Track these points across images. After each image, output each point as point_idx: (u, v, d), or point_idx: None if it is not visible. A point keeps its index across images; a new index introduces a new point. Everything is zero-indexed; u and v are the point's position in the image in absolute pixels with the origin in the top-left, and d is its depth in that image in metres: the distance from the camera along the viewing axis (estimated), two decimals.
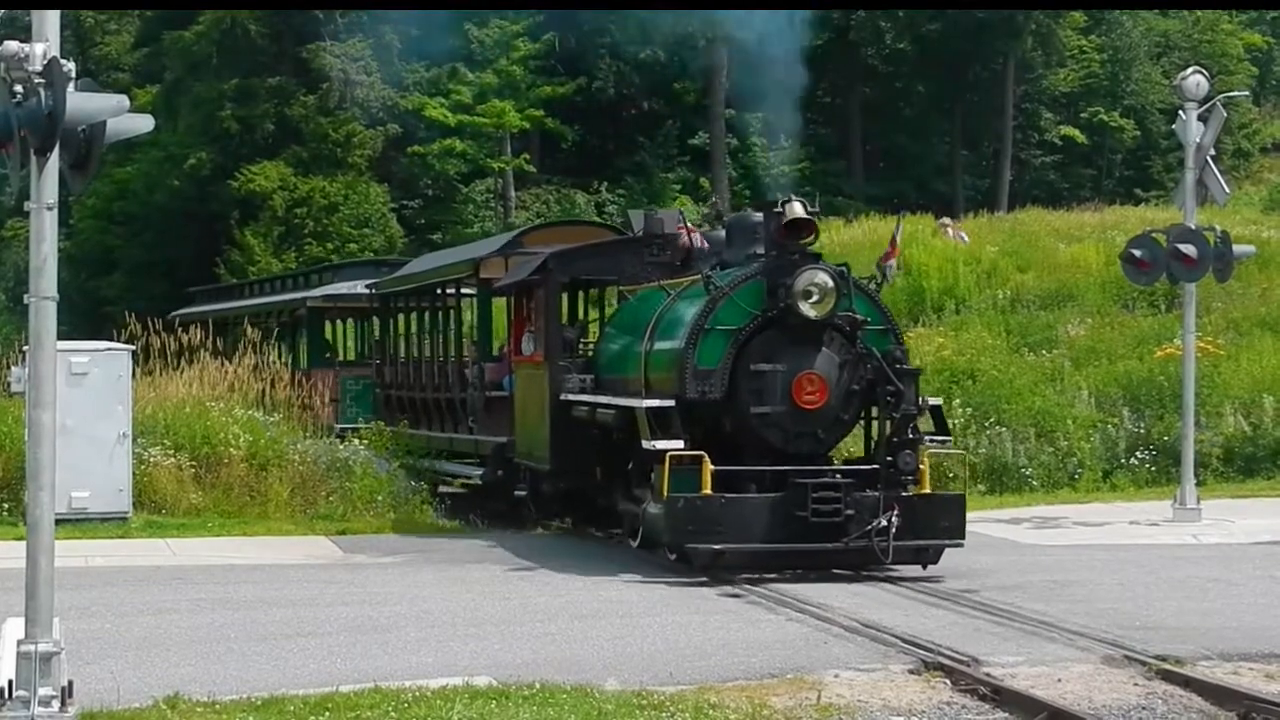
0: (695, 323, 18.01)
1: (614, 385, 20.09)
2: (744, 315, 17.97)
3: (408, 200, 59.97)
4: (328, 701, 11.17)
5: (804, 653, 13.34)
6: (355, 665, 12.78)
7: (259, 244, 55.28)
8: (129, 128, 10.64)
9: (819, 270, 17.75)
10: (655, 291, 20.28)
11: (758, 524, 17.15)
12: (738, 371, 17.85)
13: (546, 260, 21.63)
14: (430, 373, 28.54)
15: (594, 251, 22.78)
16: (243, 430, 24.01)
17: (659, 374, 18.72)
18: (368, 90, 59.12)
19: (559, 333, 21.59)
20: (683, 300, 19.13)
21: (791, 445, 17.82)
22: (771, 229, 18.22)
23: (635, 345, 19.62)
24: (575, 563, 19.14)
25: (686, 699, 11.42)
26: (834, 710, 11.32)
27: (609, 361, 20.83)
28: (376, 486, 24.07)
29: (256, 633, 14.36)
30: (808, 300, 17.62)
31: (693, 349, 17.89)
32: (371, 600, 16.28)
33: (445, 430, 27.37)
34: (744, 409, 17.84)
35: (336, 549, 20.65)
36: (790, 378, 17.76)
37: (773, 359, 17.84)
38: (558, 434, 20.79)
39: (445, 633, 14.37)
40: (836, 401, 17.89)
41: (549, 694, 11.41)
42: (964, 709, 11.49)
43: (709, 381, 17.79)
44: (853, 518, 17.16)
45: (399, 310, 31.28)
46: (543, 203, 59.91)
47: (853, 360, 17.86)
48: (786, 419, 17.79)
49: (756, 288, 18.07)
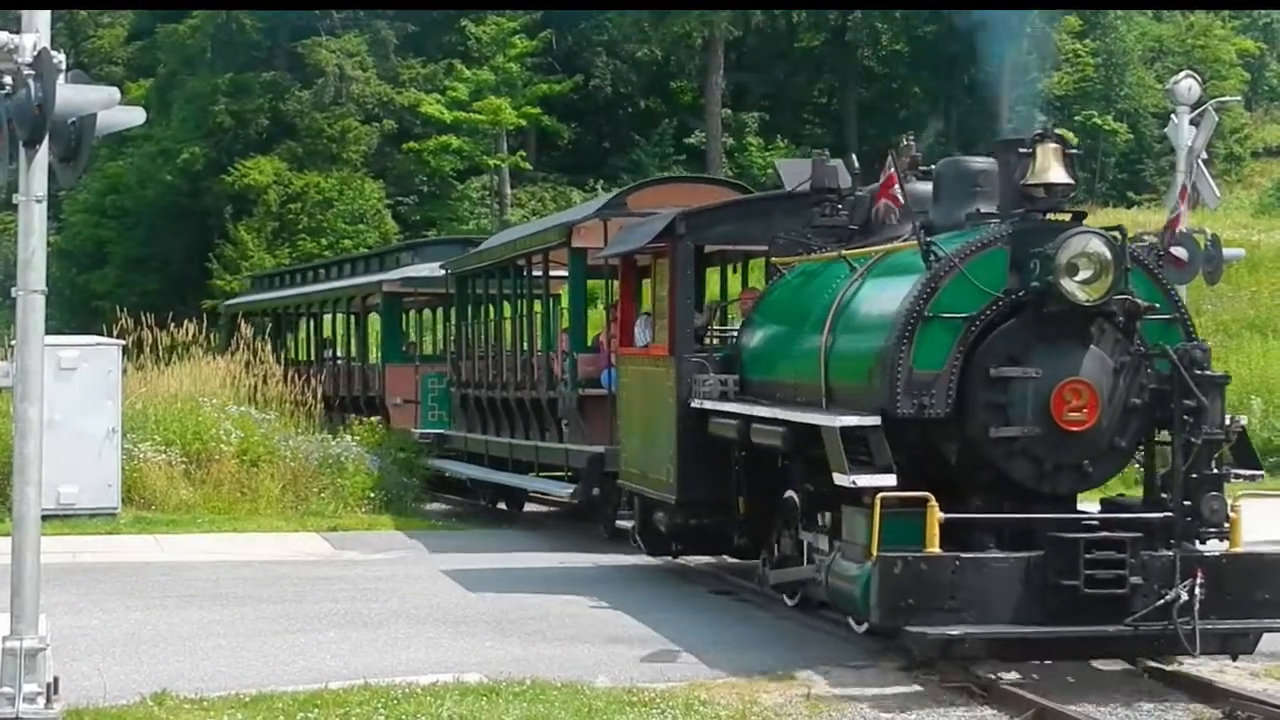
0: (909, 308, 12.64)
1: (766, 390, 15.29)
2: (979, 298, 12.65)
3: (403, 197, 59.92)
4: (317, 698, 11.14)
5: (795, 649, 13.32)
6: (345, 662, 12.75)
7: (252, 240, 55.25)
8: (120, 121, 10.60)
9: (1092, 235, 12.40)
10: (831, 264, 15.09)
11: (1004, 597, 11.93)
12: (970, 378, 12.55)
13: (674, 221, 16.65)
14: (513, 367, 23.82)
15: (738, 211, 17.91)
16: (235, 426, 23.97)
17: (847, 380, 13.54)
18: (363, 86, 59.10)
19: (691, 318, 16.69)
20: (876, 277, 13.89)
21: (1047, 483, 12.55)
22: (1015, 177, 12.93)
23: (804, 338, 14.49)
24: (560, 553, 19.14)
25: (676, 696, 11.41)
26: (824, 707, 11.31)
27: (760, 358, 15.85)
28: (368, 483, 24.02)
29: (245, 629, 14.32)
30: (1076, 277, 12.32)
31: (906, 345, 12.58)
32: (362, 597, 16.24)
33: (530, 437, 22.87)
34: (978, 431, 12.48)
35: (327, 545, 20.61)
36: (1048, 387, 12.38)
37: (1022, 360, 12.46)
38: (687, 453, 16.11)
39: (436, 629, 14.34)
40: (1111, 421, 12.52)
41: (539, 690, 11.39)
42: (953, 705, 11.47)
43: (929, 392, 12.55)
44: (1139, 588, 11.94)
45: (477, 293, 26.33)
46: (538, 200, 59.90)
47: (1131, 363, 12.58)
48: (1041, 445, 12.42)
49: (996, 260, 12.73)
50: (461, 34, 60.68)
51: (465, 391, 25.89)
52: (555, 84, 60.95)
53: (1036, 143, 12.74)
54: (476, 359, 25.68)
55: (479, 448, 24.93)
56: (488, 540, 21.33)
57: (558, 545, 20.74)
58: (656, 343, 17.43)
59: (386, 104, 59.37)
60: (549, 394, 21.94)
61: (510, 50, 59.93)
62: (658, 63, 63.55)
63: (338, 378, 32.69)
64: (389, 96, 59.30)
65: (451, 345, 27.66)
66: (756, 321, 16.40)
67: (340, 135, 58.12)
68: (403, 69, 60.68)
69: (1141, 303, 12.61)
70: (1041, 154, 12.73)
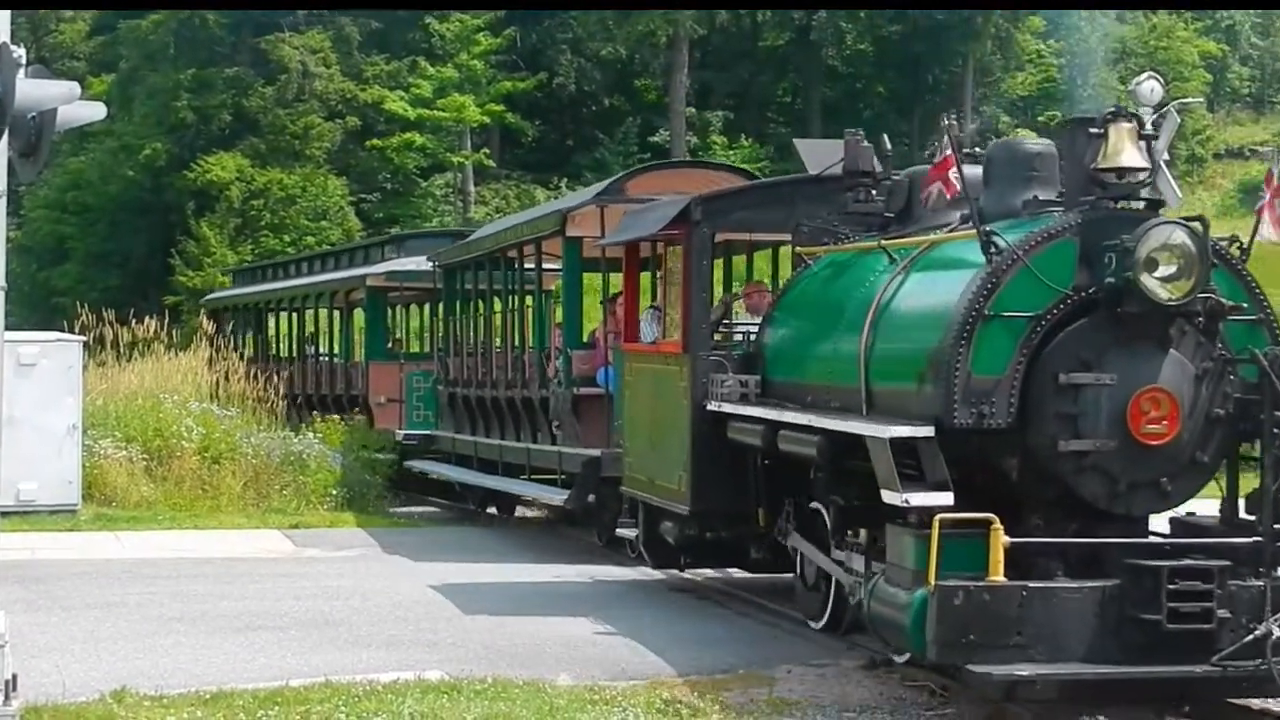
0: (967, 306, 11.25)
1: (793, 393, 13.87)
2: (1044, 295, 11.27)
3: (366, 194, 59.88)
4: (277, 696, 11.09)
5: (757, 648, 13.32)
6: (306, 659, 12.68)
7: (215, 236, 55.17)
8: (81, 116, 10.52)
9: (1175, 227, 11.07)
10: (865, 255, 13.65)
11: (1077, 632, 10.62)
12: (1035, 384, 11.20)
13: (690, 206, 15.23)
14: (503, 365, 22.52)
15: (759, 196, 16.56)
16: (196, 423, 23.88)
17: (892, 384, 12.18)
18: (327, 82, 59.05)
19: (706, 313, 15.42)
20: (923, 270, 12.52)
21: (1120, 503, 11.23)
22: (1085, 161, 11.55)
23: (839, 336, 13.06)
24: (533, 556, 19.08)
25: (639, 694, 11.39)
26: (786, 705, 11.28)
27: (785, 358, 14.38)
28: (330, 480, 23.94)
29: (206, 626, 14.25)
30: (1156, 273, 10.99)
31: (964, 347, 11.20)
32: (323, 594, 16.18)
33: (521, 438, 21.60)
34: (1044, 444, 11.14)
35: (289, 543, 20.52)
36: (1124, 396, 11.10)
37: (1094, 365, 11.15)
38: (702, 459, 14.79)
39: (397, 626, 14.29)
40: (1192, 434, 11.24)
41: (501, 688, 11.36)
42: (914, 704, 11.48)
43: (989, 400, 11.20)
44: (1226, 622, 10.64)
45: (465, 287, 25.01)
46: (502, 198, 59.92)
47: (1215, 369, 11.32)
48: (1116, 461, 11.11)
49: (1063, 253, 11.35)
50: (425, 31, 60.68)
51: (453, 390, 24.76)
52: (519, 82, 60.97)
53: (1109, 122, 11.41)
54: (465, 356, 24.55)
55: (467, 449, 23.88)
56: (454, 539, 21.25)
57: (525, 546, 20.71)
58: (667, 339, 15.93)
59: (350, 101, 59.34)
60: (541, 393, 20.76)
61: (474, 48, 59.96)
62: (622, 61, 63.59)
63: (320, 375, 32.11)
64: (352, 93, 59.27)
65: (439, 341, 26.49)
66: (780, 317, 14.84)
67: (303, 132, 58.07)
68: (366, 66, 60.64)
69: (1226, 302, 11.26)
70: (1115, 135, 11.40)
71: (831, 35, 64.30)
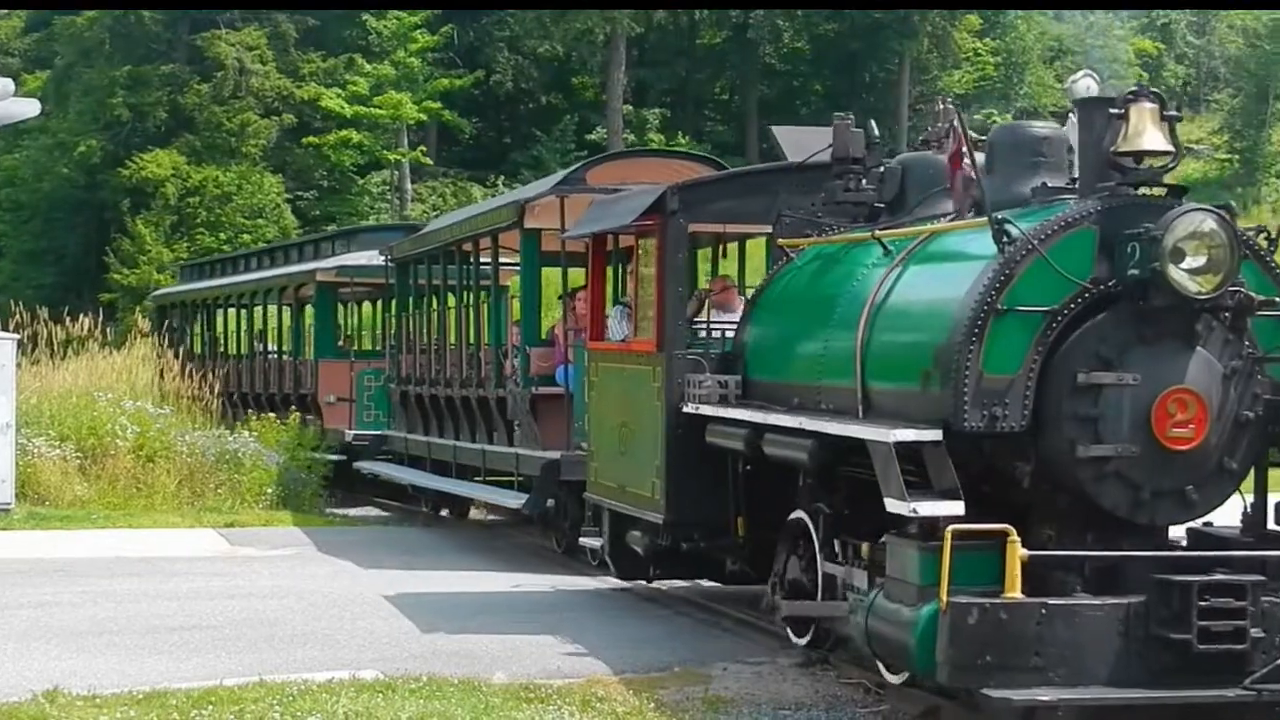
0: (978, 299, 10.33)
1: (778, 394, 12.94)
2: (1061, 288, 10.39)
3: (302, 191, 59.74)
4: (211, 695, 11.03)
5: (693, 646, 13.32)
6: (240, 659, 12.62)
7: (150, 233, 54.90)
8: (15, 113, 10.51)
9: (1206, 214, 10.19)
10: (855, 247, 12.82)
11: (1099, 652, 9.82)
12: (1051, 384, 10.31)
13: (665, 196, 14.26)
14: (457, 363, 21.63)
15: (740, 185, 15.50)
16: (130, 421, 23.76)
17: (893, 384, 11.30)
18: (263, 79, 58.86)
19: (682, 309, 14.53)
20: (923, 263, 11.70)
21: (1143, 512, 10.34)
22: (1103, 144, 10.75)
23: (831, 333, 12.21)
24: (471, 557, 19.05)
25: (574, 692, 11.39)
26: (721, 703, 11.28)
27: (768, 357, 13.48)
28: (266, 479, 23.84)
29: (140, 626, 14.17)
30: (1184, 264, 10.13)
31: (975, 344, 10.29)
32: (259, 593, 16.11)
33: (476, 439, 20.77)
34: (1061, 449, 10.27)
35: (224, 542, 20.43)
36: (1148, 397, 10.25)
37: (1116, 364, 10.26)
38: (678, 465, 13.90)
39: (332, 625, 14.24)
40: (1220, 438, 10.41)
41: (436, 687, 11.32)
42: (850, 702, 11.50)
43: (1002, 401, 10.30)
44: (1259, 642, 9.80)
45: (419, 282, 24.10)
46: (439, 195, 59.82)
47: (1243, 368, 10.48)
48: (1139, 468, 10.25)
49: (1082, 242, 10.49)
50: (362, 28, 60.55)
51: (405, 389, 23.86)
52: (456, 79, 60.91)
53: (1130, 102, 10.48)
54: (418, 353, 23.60)
55: (420, 450, 23.12)
56: (393, 540, 21.19)
57: (465, 546, 20.69)
58: (639, 337, 14.97)
59: (286, 98, 59.18)
60: (498, 392, 19.89)
61: (411, 45, 59.87)
62: (559, 58, 63.57)
63: (268, 373, 31.41)
64: (289, 90, 59.09)
65: (391, 338, 25.58)
66: (762, 314, 13.91)
67: (239, 129, 57.89)
68: (303, 63, 60.48)
69: (1256, 296, 10.37)
70: (1136, 115, 10.44)
71: (769, 33, 64.46)
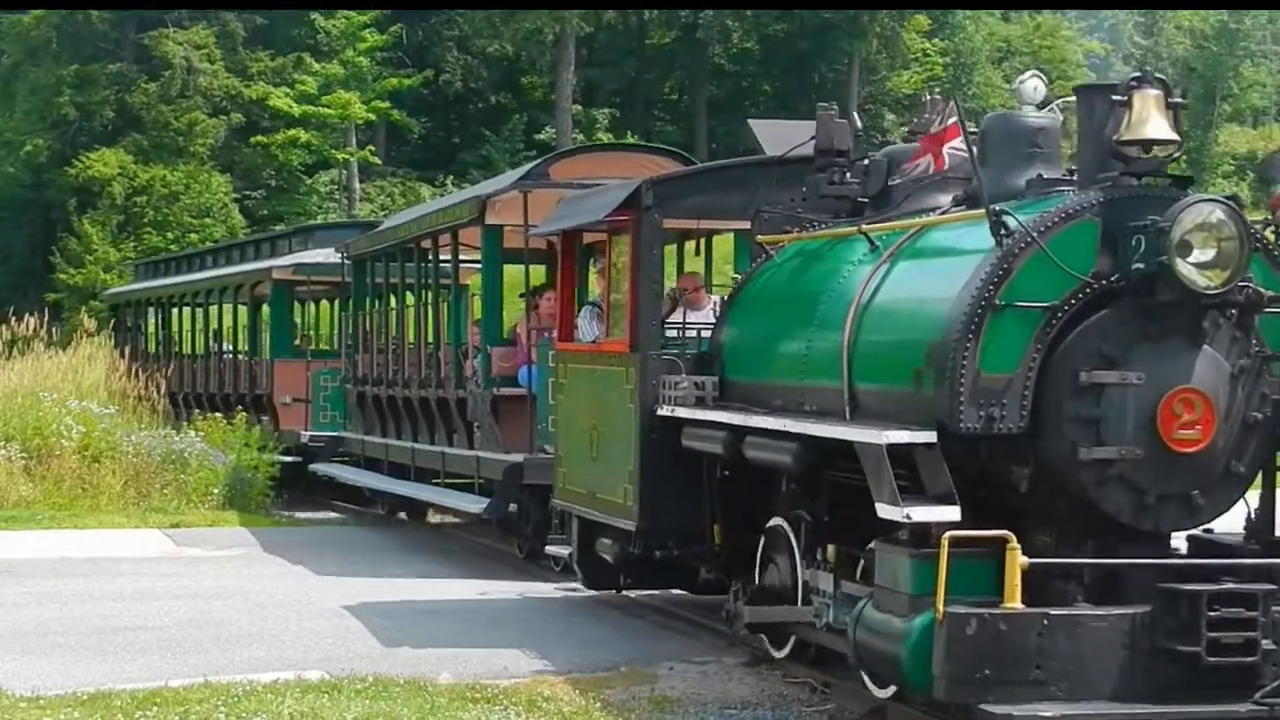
0: (975, 294, 9.85)
1: (758, 395, 12.36)
2: (1062, 283, 9.89)
3: (250, 190, 59.54)
4: (156, 696, 10.98)
5: (640, 645, 13.32)
6: (186, 660, 12.58)
7: (97, 233, 54.66)
8: None
9: (1215, 205, 9.69)
10: (840, 243, 12.30)
11: (1103, 665, 9.30)
12: (1050, 383, 9.82)
13: (640, 191, 13.69)
14: (416, 362, 21.11)
15: (718, 179, 14.87)
16: (76, 421, 23.65)
17: (882, 384, 10.76)
18: (211, 78, 58.66)
19: (657, 308, 13.94)
20: (912, 258, 11.16)
21: (1147, 518, 9.88)
22: (1105, 133, 10.24)
23: (815, 332, 11.67)
24: (416, 557, 19.02)
25: (520, 692, 11.38)
26: (668, 702, 11.28)
27: (748, 357, 12.87)
28: (212, 479, 23.74)
29: (85, 627, 14.11)
30: (1191, 258, 9.64)
31: (972, 341, 9.79)
32: (204, 594, 16.06)
33: (436, 441, 20.20)
34: (1063, 451, 9.78)
35: (170, 542, 20.35)
36: (1153, 398, 9.76)
37: (1120, 362, 9.78)
38: (652, 470, 13.26)
39: (278, 626, 14.20)
40: (1227, 440, 9.92)
41: (382, 687, 11.29)
42: (796, 701, 11.52)
43: (999, 401, 9.80)
44: (1270, 654, 9.38)
45: (377, 280, 23.63)
46: (387, 195, 59.70)
47: (1251, 367, 10.01)
48: (1144, 471, 9.77)
49: (1083, 235, 9.99)
50: (311, 28, 60.40)
51: (362, 389, 23.22)
52: (405, 78, 60.83)
53: (1133, 89, 9.97)
54: (375, 352, 22.99)
55: (377, 452, 22.53)
56: (341, 540, 21.14)
57: (409, 545, 20.65)
58: (611, 338, 14.33)
59: (234, 97, 58.99)
60: (458, 393, 19.28)
61: (360, 44, 59.78)
62: (508, 58, 63.49)
63: (223, 373, 30.89)
64: (237, 89, 58.92)
65: (347, 337, 24.98)
66: (740, 313, 13.27)
67: (187, 128, 57.68)
68: (251, 62, 60.28)
69: (1265, 292, 9.85)
70: (1140, 103, 9.94)
71: (718, 33, 64.53)
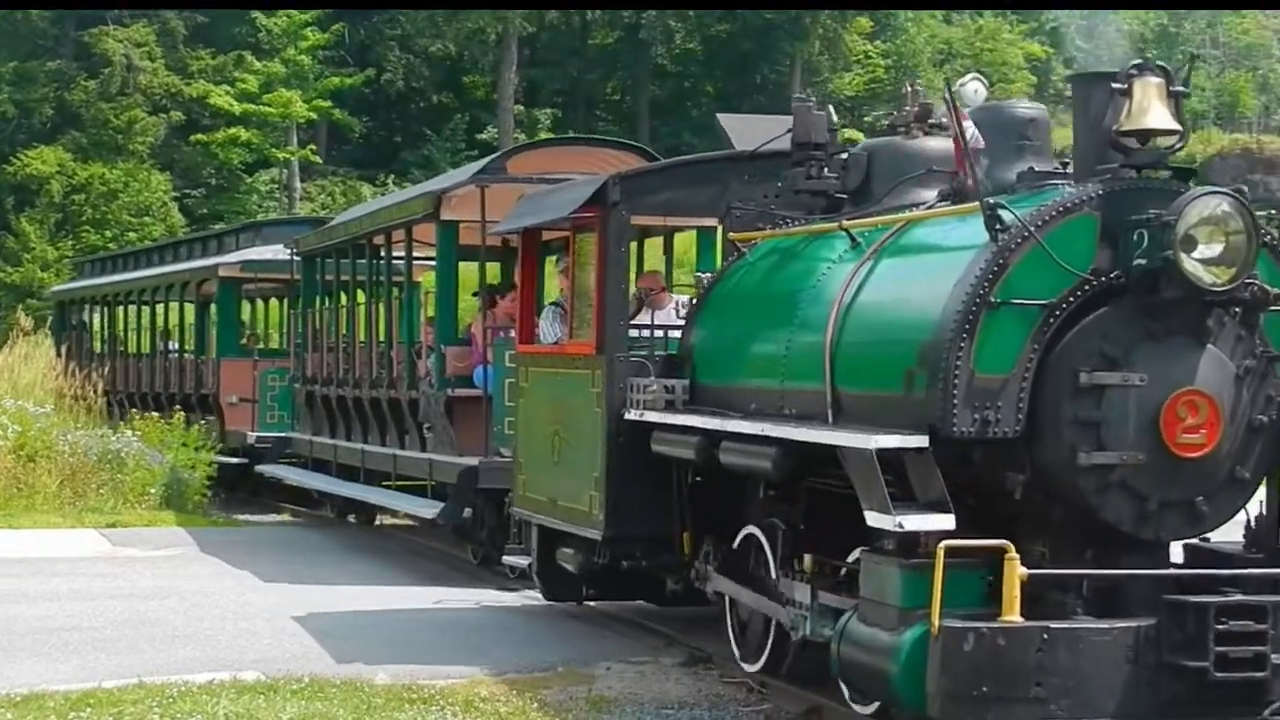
0: (969, 290, 9.32)
1: (732, 399, 11.78)
2: (1060, 280, 9.39)
3: (190, 189, 59.27)
4: (90, 697, 10.92)
5: (577, 645, 13.32)
6: (120, 660, 12.52)
7: (35, 231, 54.34)
8: None
9: (1222, 198, 9.23)
10: (817, 239, 11.79)
11: (1106, 681, 8.83)
12: (1048, 385, 9.33)
13: (607, 186, 13.16)
14: (367, 362, 20.65)
15: (688, 174, 14.12)
16: (11, 421, 23.49)
17: (868, 386, 10.22)
18: (151, 76, 58.38)
19: (625, 309, 13.43)
20: (897, 255, 10.63)
21: (1149, 526, 9.38)
22: (1104, 123, 9.70)
23: (794, 331, 11.13)
24: (357, 558, 18.96)
25: (457, 692, 11.36)
26: (605, 703, 11.28)
27: (721, 359, 12.31)
28: (149, 479, 23.60)
29: (19, 628, 14.01)
30: (1196, 253, 9.15)
31: (966, 340, 9.26)
32: (140, 594, 15.98)
33: (387, 443, 19.79)
34: (1061, 456, 9.29)
35: (106, 542, 20.24)
36: (1156, 400, 9.25)
37: (1121, 362, 9.27)
38: (620, 477, 12.73)
39: (214, 626, 14.14)
40: (1232, 444, 9.45)
41: (318, 688, 11.25)
42: (733, 700, 11.53)
43: (994, 403, 9.29)
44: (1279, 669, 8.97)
45: (327, 275, 23.04)
46: (328, 194, 59.51)
47: (1256, 368, 9.55)
48: (1146, 477, 9.27)
49: (1082, 230, 9.47)
50: (252, 26, 60.14)
51: (311, 389, 22.76)
52: (347, 77, 60.65)
53: (1133, 77, 9.46)
54: (325, 351, 22.49)
55: (326, 454, 22.07)
56: (279, 540, 21.07)
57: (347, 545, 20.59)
58: (577, 339, 13.78)
59: (174, 95, 58.75)
60: (410, 394, 18.87)
61: (302, 43, 59.54)
62: (451, 57, 63.38)
63: (169, 372, 30.45)
64: (177, 88, 58.68)
65: (296, 335, 24.43)
66: (712, 313, 12.73)
67: (127, 126, 57.40)
68: (191, 60, 60.03)
69: (1271, 290, 9.37)
70: (1141, 91, 9.45)
71: (661, 34, 64.56)
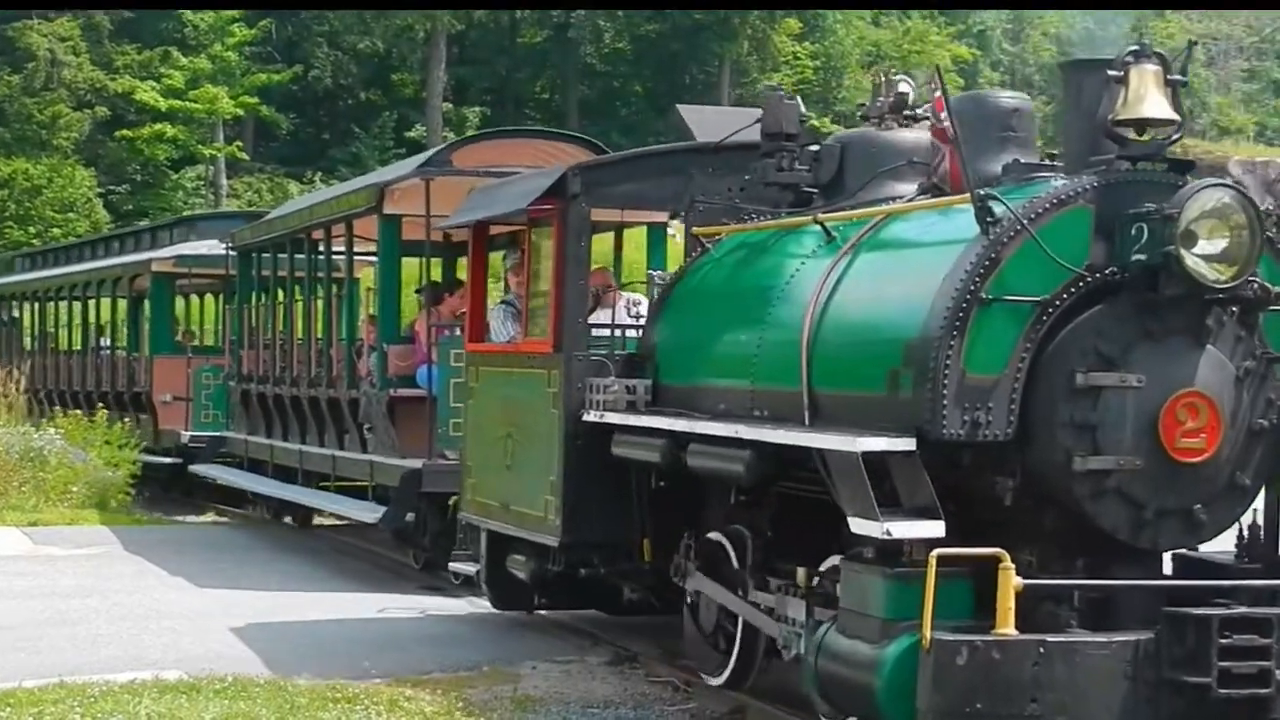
0: (960, 285, 8.81)
1: (698, 399, 11.23)
2: (1053, 276, 8.89)
3: (115, 185, 58.94)
4: (9, 697, 10.81)
5: (502, 644, 13.30)
6: (41, 660, 12.39)
7: None
8: None
9: (1226, 191, 8.80)
10: (790, 235, 11.21)
11: (1104, 697, 8.37)
12: (1041, 385, 8.84)
13: (566, 177, 12.55)
14: (305, 360, 19.99)
15: (651, 165, 13.63)
16: None
17: (848, 387, 9.63)
18: (76, 71, 58.06)
19: (584, 305, 12.69)
20: (877, 250, 10.07)
21: (1146, 534, 8.92)
22: (1099, 112, 9.12)
23: (766, 329, 10.57)
24: (283, 557, 18.87)
25: (381, 692, 11.30)
26: (530, 702, 11.25)
27: (686, 358, 11.72)
28: (72, 476, 23.43)
29: None
30: (1199, 249, 8.67)
31: (956, 338, 8.75)
32: (61, 593, 15.83)
33: (326, 444, 19.15)
34: (1055, 460, 8.79)
35: (27, 540, 20.06)
36: (1155, 402, 8.78)
37: (1119, 363, 8.78)
38: (577, 481, 12.17)
39: (136, 626, 14.02)
40: (1233, 449, 8.99)
41: (241, 687, 11.18)
42: (658, 700, 11.53)
43: (984, 404, 8.79)
44: None
45: (264, 271, 22.21)
46: (255, 191, 59.30)
47: (1256, 370, 9.08)
48: (1143, 483, 8.80)
49: (1076, 223, 8.95)
50: (178, 21, 59.86)
51: (247, 387, 22.11)
52: (274, 74, 60.48)
53: (1130, 65, 8.93)
54: (261, 349, 21.85)
55: (261, 454, 21.51)
56: (204, 539, 20.92)
57: (269, 544, 20.50)
58: (532, 337, 13.23)
59: (99, 90, 58.46)
60: (350, 393, 18.24)
61: (228, 39, 59.35)
62: (379, 54, 63.28)
63: (100, 370, 30.02)
64: (102, 83, 58.39)
65: (231, 333, 23.77)
66: (675, 311, 12.13)
67: (51, 121, 57.15)
68: (117, 55, 59.73)
69: (1272, 288, 8.89)
70: (1137, 79, 8.93)
71: (590, 33, 64.63)
